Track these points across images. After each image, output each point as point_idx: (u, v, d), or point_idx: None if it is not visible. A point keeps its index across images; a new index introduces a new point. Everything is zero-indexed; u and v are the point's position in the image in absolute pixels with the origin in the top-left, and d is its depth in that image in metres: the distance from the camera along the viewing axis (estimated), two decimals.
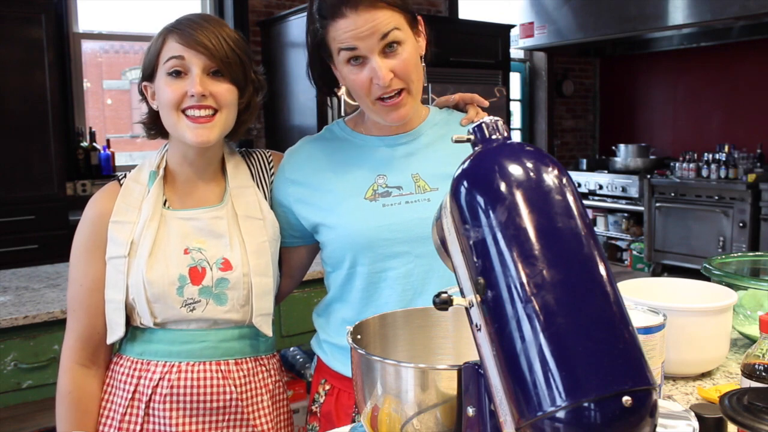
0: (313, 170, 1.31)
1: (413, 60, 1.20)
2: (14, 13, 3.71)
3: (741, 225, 4.92)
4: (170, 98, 1.19)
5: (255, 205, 1.30)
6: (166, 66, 1.19)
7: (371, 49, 1.16)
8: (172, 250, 1.23)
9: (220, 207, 1.28)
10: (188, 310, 1.23)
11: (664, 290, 1.37)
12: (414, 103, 1.25)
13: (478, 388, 0.70)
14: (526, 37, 5.99)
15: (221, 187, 1.32)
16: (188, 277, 1.23)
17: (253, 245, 1.27)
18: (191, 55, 1.18)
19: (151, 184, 1.27)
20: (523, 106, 6.78)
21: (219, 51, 1.19)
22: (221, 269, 1.25)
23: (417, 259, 1.25)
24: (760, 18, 4.66)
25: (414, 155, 1.30)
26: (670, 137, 6.39)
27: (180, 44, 1.19)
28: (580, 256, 0.64)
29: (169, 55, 1.19)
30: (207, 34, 1.19)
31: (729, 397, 0.80)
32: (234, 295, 1.25)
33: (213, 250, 1.25)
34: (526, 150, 0.70)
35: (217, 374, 1.26)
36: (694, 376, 1.26)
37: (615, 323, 0.61)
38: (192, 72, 1.19)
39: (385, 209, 1.26)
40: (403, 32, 1.19)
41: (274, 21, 4.69)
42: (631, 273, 5.66)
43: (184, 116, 1.20)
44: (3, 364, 1.88)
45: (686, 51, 6.00)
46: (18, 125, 3.74)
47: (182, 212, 1.27)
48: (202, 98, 1.19)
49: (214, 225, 1.26)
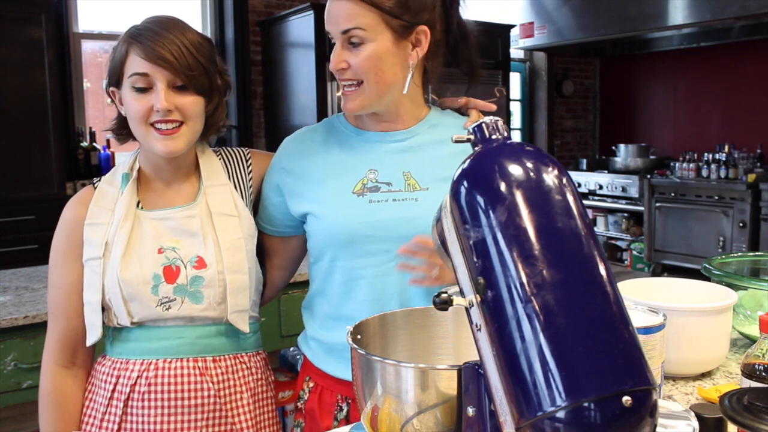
0: (306, 160, 1.32)
1: (374, 62, 1.20)
2: (14, 13, 3.71)
3: (741, 225, 4.91)
4: (137, 112, 1.21)
5: (229, 202, 1.31)
6: (131, 80, 1.21)
7: (335, 35, 1.22)
8: (146, 249, 1.25)
9: (193, 205, 1.29)
10: (164, 308, 1.24)
11: (664, 290, 1.37)
12: (369, 102, 1.24)
13: (478, 388, 0.70)
14: (526, 37, 5.99)
15: (195, 186, 1.33)
16: (162, 276, 1.24)
17: (227, 242, 1.27)
18: (155, 71, 1.19)
19: (124, 186, 1.29)
20: (523, 106, 6.78)
21: (182, 64, 1.20)
22: (195, 267, 1.26)
23: (398, 259, 1.22)
24: (760, 18, 4.65)
25: (407, 153, 1.30)
26: (670, 137, 6.38)
27: (143, 59, 1.19)
28: (580, 256, 0.64)
29: (133, 70, 1.20)
30: (169, 46, 1.19)
31: (729, 397, 0.80)
32: (209, 293, 1.26)
33: (187, 248, 1.26)
34: (526, 150, 0.70)
35: (194, 371, 1.26)
36: (694, 376, 1.26)
37: (615, 323, 0.61)
38: (156, 87, 1.20)
39: (371, 205, 1.25)
40: (370, 33, 1.19)
41: (274, 21, 4.69)
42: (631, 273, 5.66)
43: (153, 128, 1.22)
44: (3, 364, 1.88)
45: (686, 51, 6.00)
46: (18, 125, 3.74)
47: (155, 212, 1.28)
48: (168, 113, 1.20)
49: (187, 224, 1.27)
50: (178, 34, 1.21)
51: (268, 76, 4.84)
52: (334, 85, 4.21)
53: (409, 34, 1.23)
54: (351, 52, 1.20)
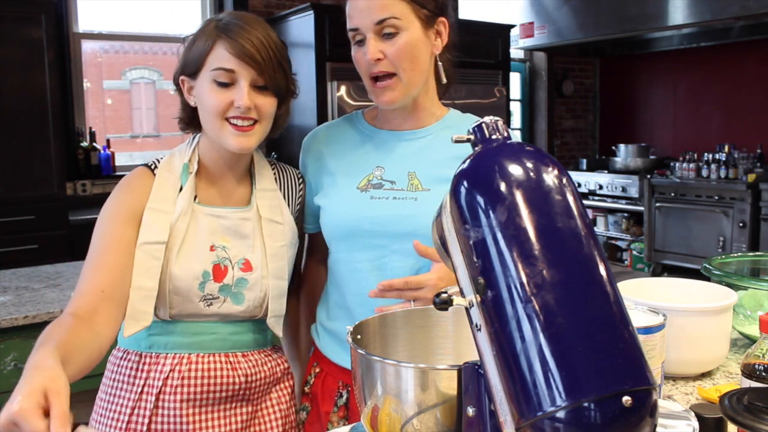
0: (323, 155, 1.38)
1: (409, 49, 1.23)
2: (14, 13, 3.71)
3: (741, 225, 4.91)
4: (215, 106, 1.21)
5: (277, 209, 1.33)
6: (214, 74, 1.20)
7: (367, 28, 1.23)
8: (200, 244, 1.25)
9: (248, 208, 1.31)
10: (206, 305, 1.25)
11: (664, 290, 1.37)
12: (405, 92, 1.27)
13: (478, 388, 0.70)
14: (526, 37, 5.99)
15: (247, 188, 1.34)
16: (211, 274, 1.25)
17: (272, 249, 1.30)
18: (241, 67, 1.19)
19: (184, 177, 1.28)
20: (523, 106, 6.78)
21: (268, 66, 1.21)
22: (242, 269, 1.28)
23: (393, 255, 1.28)
24: (760, 18, 4.65)
25: (415, 153, 1.32)
26: (670, 137, 6.38)
27: (231, 55, 1.19)
28: (580, 256, 0.64)
29: (218, 65, 1.19)
30: (257, 44, 1.19)
31: (729, 397, 0.80)
32: (251, 296, 1.28)
33: (236, 249, 1.28)
34: (526, 150, 0.70)
35: (226, 365, 1.28)
36: (694, 376, 1.26)
37: (615, 323, 0.61)
38: (240, 84, 1.20)
39: (372, 201, 1.29)
40: (404, 22, 1.22)
41: (274, 21, 4.69)
42: (631, 273, 5.66)
43: (228, 123, 1.22)
44: (3, 364, 1.88)
45: (686, 51, 6.00)
46: (18, 125, 3.74)
47: (212, 209, 1.28)
48: (247, 110, 1.21)
49: (241, 226, 1.29)
50: (264, 34, 1.22)
51: None
52: (334, 85, 4.21)
53: (434, 24, 1.28)
54: (385, 43, 1.23)
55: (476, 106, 4.61)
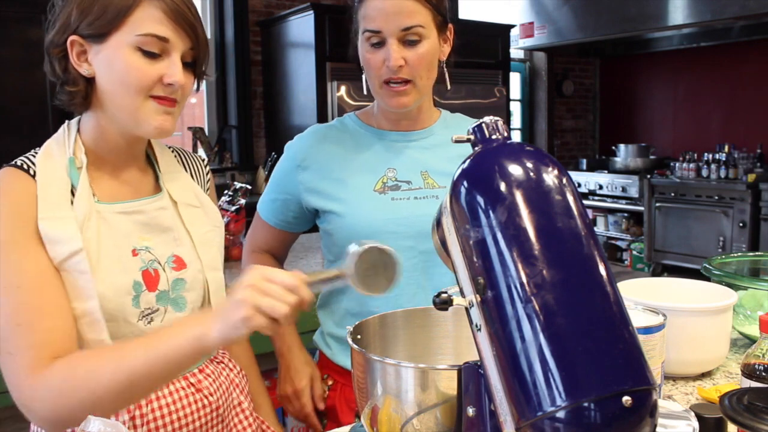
0: (323, 157, 1.34)
1: (428, 58, 1.24)
2: (14, 13, 3.71)
3: (741, 225, 4.91)
4: (141, 81, 0.97)
5: (190, 191, 1.13)
6: (140, 40, 0.96)
7: (391, 33, 1.21)
8: (118, 251, 1.01)
9: (161, 196, 1.09)
10: (146, 322, 1.02)
11: (664, 290, 1.37)
12: (417, 97, 1.27)
13: (478, 388, 0.70)
14: (526, 37, 5.99)
15: (148, 175, 1.12)
16: (143, 283, 1.02)
17: (198, 236, 1.11)
18: (177, 37, 0.98)
19: (73, 174, 1.01)
20: (523, 106, 6.78)
21: (203, 41, 1.02)
22: (174, 269, 1.06)
23: (421, 255, 1.27)
24: (760, 18, 4.65)
25: (424, 152, 1.33)
26: (670, 137, 6.38)
27: (167, 18, 0.97)
28: (580, 256, 0.64)
29: (150, 30, 0.96)
30: (193, 11, 1.01)
31: (729, 397, 0.80)
32: (192, 296, 1.08)
33: (161, 247, 1.06)
34: (526, 150, 0.70)
35: (189, 389, 1.07)
36: (694, 376, 1.26)
37: (615, 323, 0.61)
38: (172, 57, 0.98)
39: (394, 203, 1.28)
40: (427, 30, 1.23)
41: (274, 21, 4.69)
42: (631, 273, 5.65)
43: (151, 101, 0.99)
44: None
45: (686, 51, 5.99)
46: (18, 125, 3.74)
47: (121, 205, 1.03)
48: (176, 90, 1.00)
49: (159, 217, 1.07)
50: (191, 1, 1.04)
51: (268, 76, 4.83)
52: (334, 85, 4.21)
53: (445, 31, 1.29)
54: (407, 50, 1.22)
55: (476, 106, 4.61)
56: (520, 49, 6.30)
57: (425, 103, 1.34)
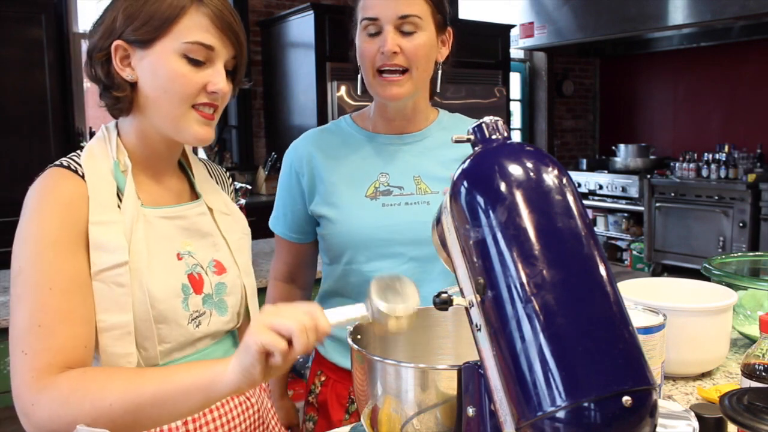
0: (316, 162, 1.34)
1: (424, 50, 1.24)
2: (14, 13, 3.72)
3: (741, 225, 4.91)
4: (187, 89, 0.97)
5: (221, 199, 1.15)
6: (187, 48, 0.95)
7: (388, 20, 1.22)
8: (166, 255, 1.02)
9: (200, 202, 1.11)
10: (195, 325, 1.03)
11: (664, 290, 1.37)
12: (412, 89, 1.26)
13: (478, 388, 0.70)
14: (526, 37, 5.99)
15: (183, 182, 1.13)
16: (190, 286, 1.03)
17: (234, 243, 1.12)
18: (222, 45, 0.98)
19: (118, 177, 1.01)
20: (523, 106, 6.78)
21: (243, 47, 1.02)
22: (215, 273, 1.08)
23: (411, 261, 1.27)
24: (760, 18, 4.65)
25: (418, 157, 1.32)
26: (670, 137, 6.38)
27: (214, 26, 0.97)
28: (580, 256, 0.64)
29: (197, 38, 0.96)
30: (237, 20, 1.00)
31: (729, 397, 0.80)
32: (232, 301, 1.09)
33: (202, 252, 1.07)
34: (526, 150, 0.70)
35: (237, 398, 1.08)
36: (694, 376, 1.26)
37: (615, 323, 0.61)
38: (216, 66, 0.99)
39: (385, 209, 1.28)
40: (424, 23, 1.24)
41: (274, 21, 4.69)
42: (631, 273, 5.66)
43: (194, 111, 0.99)
44: (3, 364, 1.88)
45: (686, 51, 6.00)
46: (18, 125, 3.74)
47: (164, 210, 1.04)
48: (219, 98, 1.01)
49: (200, 223, 1.08)
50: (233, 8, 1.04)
51: (268, 76, 4.83)
52: (334, 85, 4.21)
53: (443, 32, 1.30)
54: (403, 39, 1.23)
55: (476, 106, 4.61)
56: (520, 49, 6.30)
57: (421, 102, 1.33)
